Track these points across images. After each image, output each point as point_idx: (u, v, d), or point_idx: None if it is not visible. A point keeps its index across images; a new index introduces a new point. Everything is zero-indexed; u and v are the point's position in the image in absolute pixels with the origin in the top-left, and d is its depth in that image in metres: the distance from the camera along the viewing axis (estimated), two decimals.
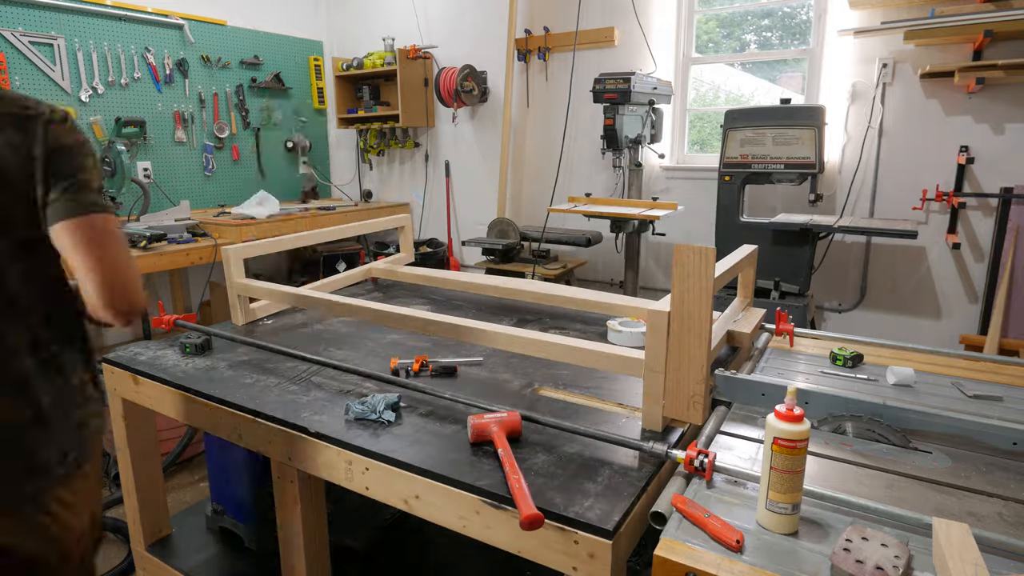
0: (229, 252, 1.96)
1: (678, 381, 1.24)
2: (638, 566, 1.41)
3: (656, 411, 1.28)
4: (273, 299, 2.02)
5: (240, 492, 1.96)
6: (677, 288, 1.20)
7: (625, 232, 3.53)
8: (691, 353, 1.21)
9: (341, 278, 2.35)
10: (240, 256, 1.99)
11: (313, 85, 5.00)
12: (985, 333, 3.09)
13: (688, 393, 1.23)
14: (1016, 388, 1.46)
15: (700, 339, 1.19)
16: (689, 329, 1.20)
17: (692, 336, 1.20)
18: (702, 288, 1.17)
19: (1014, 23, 2.79)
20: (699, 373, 1.21)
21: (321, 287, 2.19)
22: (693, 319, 1.19)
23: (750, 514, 1.00)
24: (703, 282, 1.17)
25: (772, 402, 1.34)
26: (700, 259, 1.17)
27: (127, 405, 1.79)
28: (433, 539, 1.95)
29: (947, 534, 0.87)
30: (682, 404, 1.25)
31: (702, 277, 1.17)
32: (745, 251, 1.76)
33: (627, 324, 1.81)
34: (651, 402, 1.28)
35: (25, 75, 3.43)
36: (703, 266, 1.17)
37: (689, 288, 1.18)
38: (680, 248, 1.19)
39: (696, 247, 1.18)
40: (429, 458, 1.20)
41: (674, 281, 1.20)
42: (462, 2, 4.47)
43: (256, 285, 1.99)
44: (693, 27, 3.91)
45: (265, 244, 2.08)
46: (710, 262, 1.17)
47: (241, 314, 2.01)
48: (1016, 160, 3.06)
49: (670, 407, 1.27)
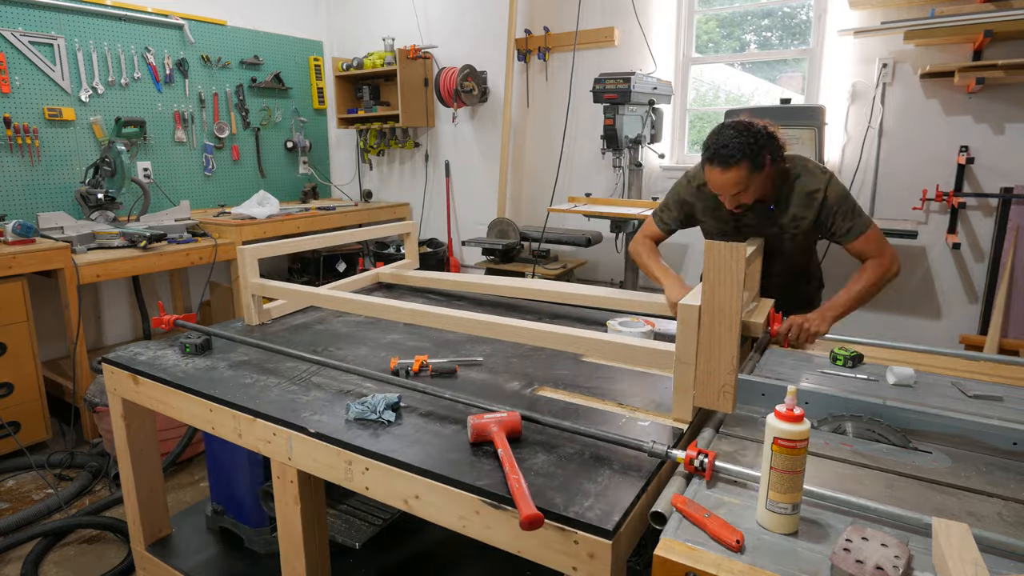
0: (245, 252, 1.96)
1: (709, 372, 1.28)
2: (638, 566, 1.41)
3: (687, 401, 1.32)
4: (289, 299, 2.03)
5: (240, 492, 1.95)
6: (708, 282, 1.25)
7: (625, 232, 3.53)
8: (722, 344, 1.25)
9: (349, 282, 2.36)
10: (255, 256, 1.99)
11: (313, 85, 5.00)
12: (985, 333, 3.09)
13: (719, 383, 1.27)
14: (1016, 388, 1.46)
15: (731, 331, 1.24)
16: (720, 322, 1.25)
17: (723, 329, 1.25)
18: (733, 282, 1.23)
19: (1014, 23, 2.78)
20: (729, 364, 1.25)
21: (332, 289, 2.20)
22: (724, 312, 1.24)
23: (750, 514, 1.00)
24: (734, 276, 1.22)
25: (772, 402, 1.34)
26: (731, 255, 1.22)
27: (127, 405, 1.79)
28: (433, 539, 1.95)
29: (947, 534, 0.87)
30: (713, 394, 1.29)
31: (732, 272, 1.22)
32: (754, 244, 1.78)
33: (627, 324, 1.81)
34: (681, 393, 1.32)
35: (25, 75, 3.43)
36: (734, 262, 1.22)
37: (720, 282, 1.24)
38: (711, 244, 1.25)
39: (728, 243, 1.23)
40: (429, 458, 1.20)
41: (704, 276, 1.25)
42: (462, 2, 4.47)
43: (272, 285, 1.99)
44: (693, 27, 3.91)
45: (280, 244, 2.08)
46: (740, 258, 1.22)
47: (255, 314, 2.01)
48: (1016, 160, 3.06)
49: (700, 397, 1.30)
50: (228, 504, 2.01)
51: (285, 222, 4.00)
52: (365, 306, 1.83)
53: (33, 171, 3.51)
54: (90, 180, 3.60)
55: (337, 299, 1.91)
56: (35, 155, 3.50)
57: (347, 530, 1.90)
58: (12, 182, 3.44)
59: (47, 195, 3.57)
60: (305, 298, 2.01)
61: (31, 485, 2.77)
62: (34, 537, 2.33)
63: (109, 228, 3.38)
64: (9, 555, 2.31)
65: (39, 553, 2.28)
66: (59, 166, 3.61)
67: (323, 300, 1.96)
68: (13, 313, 2.87)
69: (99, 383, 2.79)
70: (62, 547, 2.36)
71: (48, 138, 3.55)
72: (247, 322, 2.01)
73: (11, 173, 3.43)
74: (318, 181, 5.15)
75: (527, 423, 1.28)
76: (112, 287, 4.00)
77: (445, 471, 1.15)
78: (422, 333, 1.94)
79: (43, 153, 3.54)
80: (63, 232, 3.26)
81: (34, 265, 2.90)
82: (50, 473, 2.81)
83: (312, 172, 5.09)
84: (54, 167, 3.59)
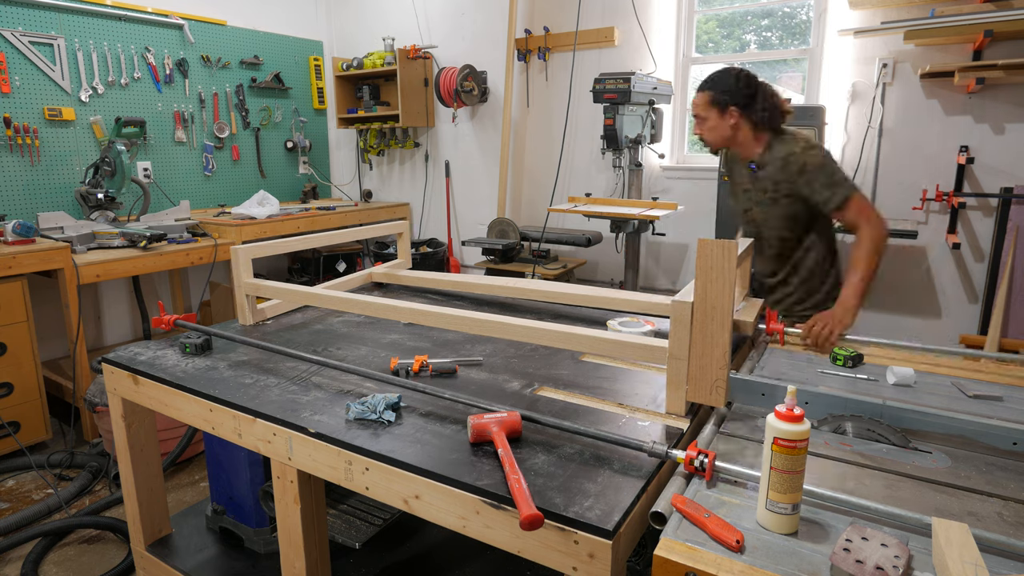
0: (239, 252, 1.96)
1: (701, 368, 1.30)
2: (638, 566, 1.41)
3: (679, 396, 1.34)
4: (283, 299, 2.02)
5: (240, 492, 1.96)
6: (700, 280, 1.26)
7: (625, 232, 3.54)
8: (714, 340, 1.27)
9: (343, 281, 2.36)
10: (249, 256, 1.99)
11: (313, 85, 5.00)
12: (985, 333, 3.09)
13: (711, 379, 1.29)
14: (1016, 388, 1.46)
15: (723, 327, 1.26)
16: (712, 318, 1.26)
17: (715, 325, 1.26)
18: (725, 280, 1.24)
19: (1014, 23, 2.79)
20: (722, 359, 1.27)
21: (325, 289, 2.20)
22: (716, 309, 1.26)
23: (750, 514, 1.00)
24: (726, 274, 1.24)
25: (772, 402, 1.34)
26: (722, 252, 1.24)
27: (127, 405, 1.79)
28: (433, 539, 1.95)
29: (947, 534, 0.87)
30: (705, 389, 1.31)
31: (724, 269, 1.24)
32: (744, 244, 1.79)
33: (627, 324, 1.82)
34: (674, 388, 1.34)
35: (25, 75, 3.43)
36: (725, 259, 1.24)
37: (712, 280, 1.25)
38: (703, 242, 1.26)
39: (718, 241, 1.24)
40: (429, 458, 1.20)
41: (697, 273, 1.27)
42: (462, 2, 4.47)
43: (266, 285, 1.99)
44: (693, 27, 3.91)
45: (274, 244, 2.08)
46: (732, 255, 1.23)
47: (250, 314, 2.01)
48: (1016, 160, 3.06)
49: (693, 392, 1.32)
50: (228, 504, 2.01)
51: (285, 222, 4.00)
52: (365, 306, 1.83)
53: (33, 171, 3.51)
54: (90, 180, 3.60)
55: (334, 299, 1.90)
56: (35, 155, 3.50)
57: (347, 530, 1.90)
58: (12, 182, 3.44)
59: (47, 195, 3.58)
60: (299, 298, 1.99)
61: (31, 485, 2.77)
62: (34, 537, 2.33)
63: (109, 228, 3.38)
64: (9, 555, 2.31)
65: (39, 553, 2.28)
66: (59, 166, 3.61)
67: (317, 299, 1.94)
68: (13, 313, 2.87)
69: (99, 383, 2.80)
70: (62, 547, 2.36)
71: (48, 138, 3.55)
72: (241, 322, 2.01)
73: (11, 173, 3.43)
74: (318, 181, 5.15)
75: (527, 423, 1.28)
76: (112, 287, 4.00)
77: (445, 471, 1.15)
78: (422, 333, 1.94)
79: (43, 153, 3.54)
80: (63, 232, 3.27)
81: (34, 265, 2.90)
82: (50, 473, 2.82)
83: (312, 172, 5.09)
84: (54, 167, 3.59)
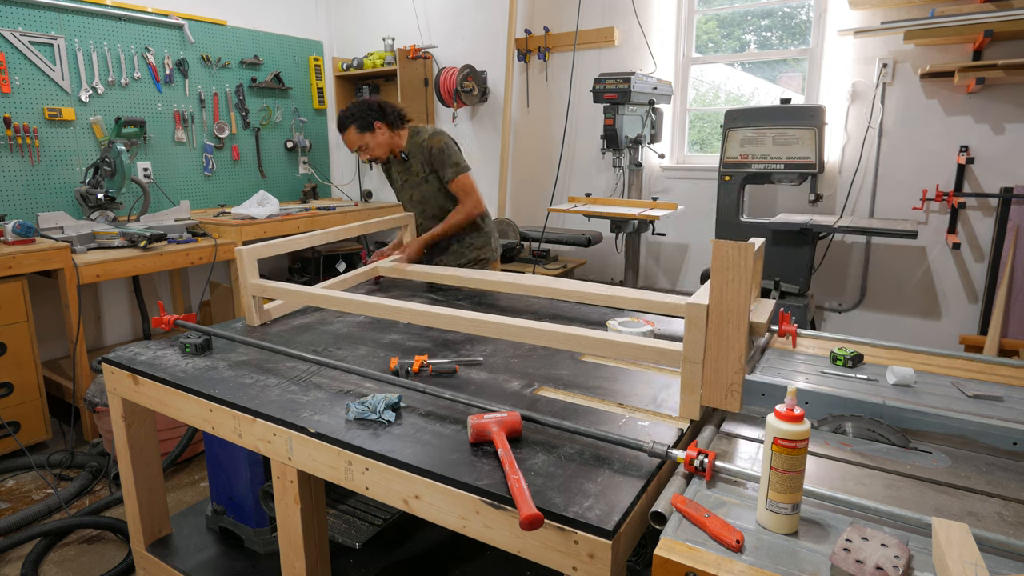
0: (243, 252, 1.95)
1: (716, 371, 1.27)
2: (638, 566, 1.41)
3: (694, 400, 1.31)
4: (289, 299, 2.02)
5: (240, 492, 1.96)
6: (716, 281, 1.23)
7: (625, 232, 3.54)
8: (730, 343, 1.24)
9: (347, 278, 2.35)
10: (254, 256, 1.98)
11: (313, 85, 5.00)
12: (985, 333, 3.09)
13: (726, 382, 1.26)
14: (1016, 388, 1.46)
15: (739, 330, 1.22)
16: (728, 321, 1.23)
17: (731, 328, 1.23)
18: (741, 281, 1.21)
19: (1014, 23, 2.79)
20: (737, 363, 1.24)
21: (329, 287, 2.20)
22: (732, 311, 1.23)
23: (750, 514, 1.00)
24: (743, 275, 1.21)
25: (772, 402, 1.34)
26: (739, 254, 1.21)
27: (127, 405, 1.79)
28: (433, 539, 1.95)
29: (947, 534, 0.87)
30: (720, 393, 1.28)
31: (741, 270, 1.21)
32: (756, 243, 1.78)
33: (627, 324, 1.81)
34: (688, 391, 1.31)
35: (25, 75, 3.43)
36: (742, 260, 1.21)
37: (728, 281, 1.22)
38: (719, 244, 1.23)
39: (734, 243, 1.21)
40: (429, 458, 1.20)
41: (712, 275, 1.24)
42: (462, 2, 4.47)
43: (272, 286, 1.98)
44: (693, 27, 3.91)
45: (278, 244, 2.07)
46: (749, 257, 1.20)
47: (256, 315, 2.00)
48: (1016, 160, 3.06)
49: (708, 396, 1.29)
50: (228, 504, 2.01)
51: (285, 222, 4.00)
52: (365, 306, 1.82)
53: (33, 171, 3.51)
54: (90, 180, 3.60)
55: (337, 299, 1.90)
56: (35, 155, 3.50)
57: (347, 530, 1.90)
58: (12, 182, 3.44)
59: (47, 195, 3.58)
60: (306, 298, 2.00)
61: (31, 485, 2.77)
62: (34, 537, 2.33)
63: (109, 228, 3.38)
64: (9, 555, 2.31)
65: (39, 553, 2.28)
66: (59, 166, 3.61)
67: (324, 300, 1.95)
68: (13, 313, 2.87)
69: (99, 383, 2.80)
70: (62, 547, 2.36)
71: (48, 138, 3.55)
72: (248, 323, 2.01)
73: (11, 173, 3.43)
74: (318, 181, 5.15)
75: (527, 423, 1.28)
76: (112, 287, 4.00)
77: (445, 471, 1.15)
78: (422, 333, 1.94)
79: (43, 153, 3.54)
80: (63, 232, 3.27)
81: (34, 265, 2.90)
82: (50, 473, 2.82)
83: (312, 172, 5.09)
84: (54, 167, 3.59)
